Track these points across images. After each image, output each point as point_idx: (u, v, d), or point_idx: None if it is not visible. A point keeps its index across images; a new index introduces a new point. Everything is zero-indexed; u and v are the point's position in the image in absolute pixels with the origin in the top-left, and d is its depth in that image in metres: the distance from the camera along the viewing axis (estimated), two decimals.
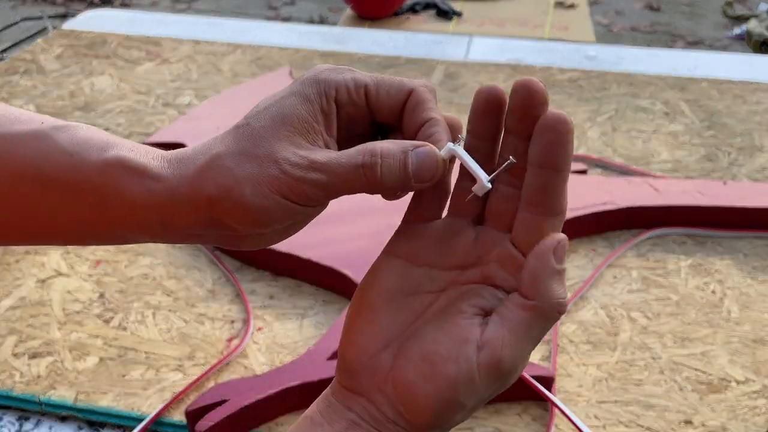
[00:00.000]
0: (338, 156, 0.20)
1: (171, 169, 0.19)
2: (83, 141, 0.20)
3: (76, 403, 0.45)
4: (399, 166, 0.20)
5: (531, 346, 0.19)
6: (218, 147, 0.19)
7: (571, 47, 1.03)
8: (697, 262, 0.59)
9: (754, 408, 0.46)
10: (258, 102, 0.22)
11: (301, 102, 0.20)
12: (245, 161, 0.19)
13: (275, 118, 0.20)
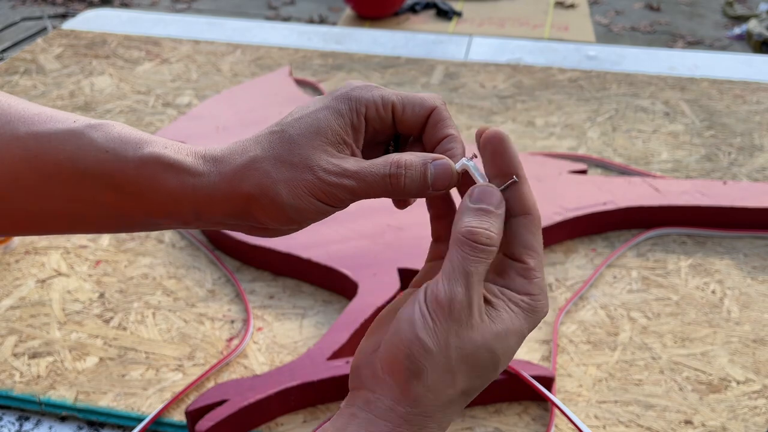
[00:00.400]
0: (368, 165, 0.22)
1: (207, 166, 0.21)
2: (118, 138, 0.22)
3: (75, 403, 0.45)
4: (420, 177, 0.22)
5: (460, 276, 0.20)
6: (255, 150, 0.21)
7: (571, 47, 1.03)
8: (697, 262, 0.59)
9: (754, 408, 0.46)
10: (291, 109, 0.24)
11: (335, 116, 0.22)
12: (281, 165, 0.21)
13: (310, 128, 0.21)
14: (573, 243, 0.61)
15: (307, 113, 0.22)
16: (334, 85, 0.87)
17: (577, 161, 0.70)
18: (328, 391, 0.45)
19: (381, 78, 0.90)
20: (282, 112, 0.78)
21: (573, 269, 0.58)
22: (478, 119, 0.81)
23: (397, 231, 0.58)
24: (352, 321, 0.49)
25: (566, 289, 0.56)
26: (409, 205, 0.25)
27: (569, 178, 0.66)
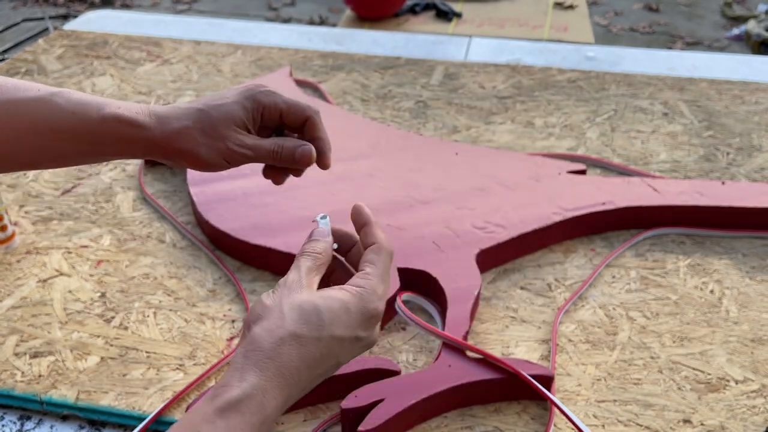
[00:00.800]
0: (261, 142, 0.34)
1: (153, 121, 0.32)
2: (80, 102, 0.32)
3: (77, 403, 0.46)
4: (290, 154, 0.34)
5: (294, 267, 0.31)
6: (188, 121, 0.33)
7: (571, 48, 1.03)
8: (695, 261, 0.59)
9: (753, 407, 0.46)
10: (221, 92, 0.36)
11: (242, 109, 0.34)
12: (204, 135, 0.33)
13: (226, 114, 0.33)
14: (572, 243, 0.61)
15: (224, 103, 0.33)
16: (334, 86, 0.88)
17: (576, 161, 0.70)
18: (329, 390, 0.45)
19: (381, 78, 0.90)
20: None
21: (572, 269, 0.58)
22: (478, 120, 0.81)
23: (397, 231, 0.58)
24: None
25: (565, 289, 0.56)
26: (283, 182, 0.36)
27: (568, 179, 0.66)
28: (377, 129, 0.74)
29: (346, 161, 0.68)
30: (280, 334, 0.26)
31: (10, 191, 0.68)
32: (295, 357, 0.26)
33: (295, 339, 0.26)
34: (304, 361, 0.26)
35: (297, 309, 0.27)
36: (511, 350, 0.50)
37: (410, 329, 0.52)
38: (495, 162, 0.68)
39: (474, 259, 0.55)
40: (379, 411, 0.42)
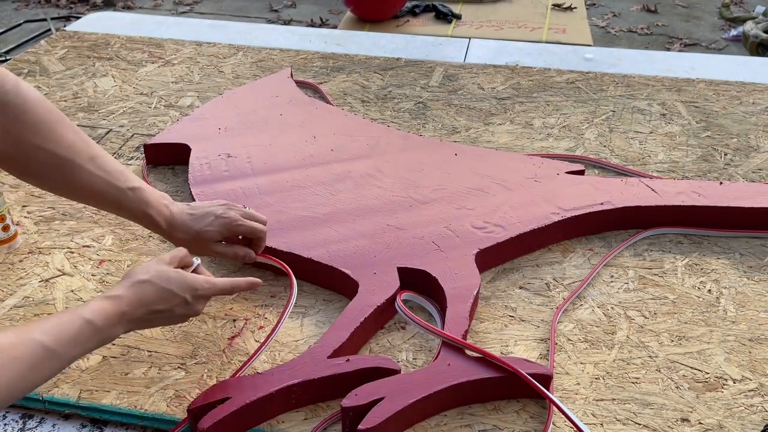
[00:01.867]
0: (224, 250, 0.53)
1: (167, 227, 0.52)
2: (138, 199, 0.51)
3: (79, 401, 0.46)
4: (243, 255, 0.54)
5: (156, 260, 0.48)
6: (187, 235, 0.52)
7: (569, 49, 1.03)
8: (693, 261, 0.60)
9: (751, 406, 0.47)
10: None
11: (220, 235, 0.53)
12: (195, 244, 0.52)
13: (210, 238, 0.52)
14: (570, 243, 0.62)
15: (210, 230, 0.52)
16: (335, 87, 0.88)
17: (574, 162, 0.71)
18: (329, 389, 0.46)
19: (381, 80, 0.90)
20: (283, 113, 0.79)
21: (570, 269, 0.59)
22: (477, 120, 0.81)
23: (397, 231, 0.59)
24: (352, 320, 0.50)
25: (564, 289, 0.56)
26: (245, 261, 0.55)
27: (567, 179, 0.66)
28: (377, 130, 0.75)
29: (346, 161, 0.69)
30: (140, 278, 0.44)
31: (13, 191, 0.68)
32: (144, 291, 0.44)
33: (146, 283, 0.44)
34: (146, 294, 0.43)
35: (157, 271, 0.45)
36: (510, 349, 0.51)
37: (410, 328, 0.52)
38: (494, 162, 0.69)
39: (473, 259, 0.55)
40: (378, 409, 0.43)
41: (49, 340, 0.36)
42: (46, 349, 0.36)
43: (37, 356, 0.36)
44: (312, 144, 0.72)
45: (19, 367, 0.35)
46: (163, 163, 0.73)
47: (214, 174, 0.67)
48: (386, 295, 0.52)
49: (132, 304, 0.42)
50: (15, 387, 0.35)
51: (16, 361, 0.34)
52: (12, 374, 0.34)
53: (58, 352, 0.37)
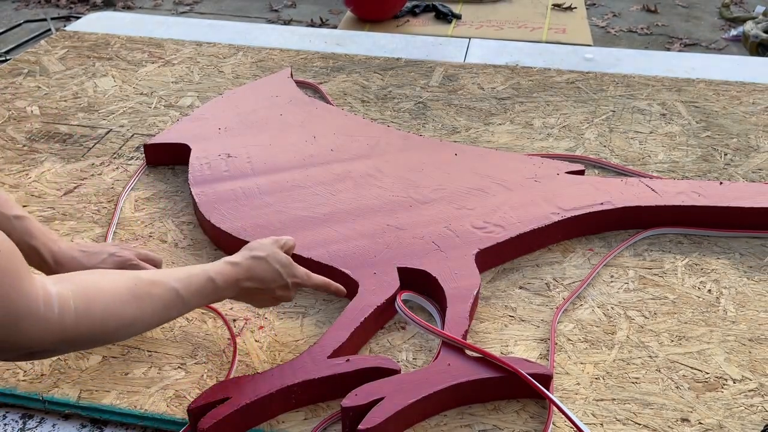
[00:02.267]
0: None
1: (52, 259, 0.49)
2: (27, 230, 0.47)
3: (79, 401, 0.46)
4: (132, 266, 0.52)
5: None
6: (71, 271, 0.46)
7: (569, 49, 1.03)
8: (693, 261, 0.60)
9: (751, 406, 0.47)
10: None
11: (111, 267, 0.50)
12: None
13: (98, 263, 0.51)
14: (570, 243, 0.62)
15: (98, 264, 0.48)
16: (335, 87, 0.88)
17: (574, 162, 0.71)
18: (329, 389, 0.46)
19: (381, 80, 0.90)
20: (283, 113, 0.79)
21: (570, 269, 0.59)
22: (477, 120, 0.81)
23: (397, 231, 0.59)
24: (352, 320, 0.50)
25: (564, 289, 0.56)
26: None
27: (567, 179, 0.66)
28: (377, 130, 0.75)
29: (346, 161, 0.69)
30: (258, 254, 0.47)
31: (13, 191, 0.68)
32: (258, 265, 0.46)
33: (262, 260, 0.46)
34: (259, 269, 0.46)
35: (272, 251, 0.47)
36: (510, 349, 0.51)
37: (410, 328, 0.52)
38: (494, 162, 0.69)
39: (473, 259, 0.55)
40: (378, 409, 0.43)
41: (181, 288, 0.42)
42: (177, 294, 0.41)
43: (170, 298, 0.41)
44: (312, 144, 0.72)
45: (156, 303, 0.40)
46: (163, 163, 0.73)
47: (214, 174, 0.67)
48: (386, 295, 0.52)
49: (247, 273, 0.45)
50: (150, 321, 0.40)
51: (154, 298, 0.40)
52: (151, 307, 0.40)
53: (185, 299, 0.42)
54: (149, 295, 0.40)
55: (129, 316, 0.39)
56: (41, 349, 0.35)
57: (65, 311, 0.35)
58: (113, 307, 0.37)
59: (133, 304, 0.39)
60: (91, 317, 0.36)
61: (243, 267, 0.45)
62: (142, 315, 0.39)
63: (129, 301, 0.38)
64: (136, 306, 0.39)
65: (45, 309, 0.34)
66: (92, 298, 0.36)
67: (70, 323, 0.35)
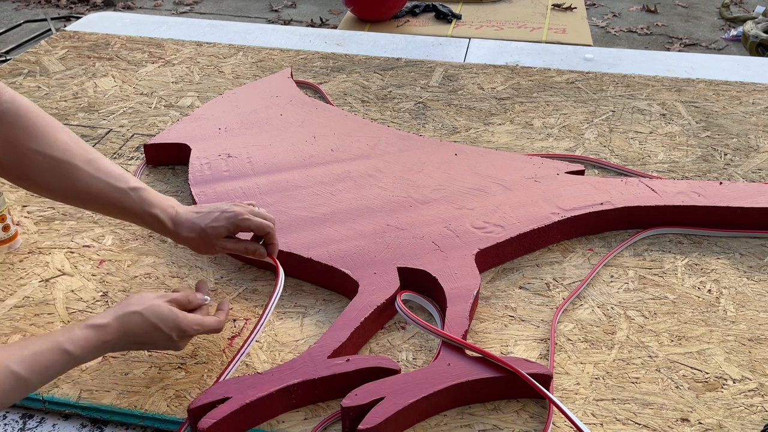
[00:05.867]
0: (235, 245, 0.52)
1: (173, 226, 0.51)
2: (141, 199, 0.50)
3: (79, 401, 0.46)
4: (254, 250, 0.53)
5: None
6: (194, 233, 0.51)
7: (569, 49, 1.03)
8: (693, 261, 0.60)
9: (751, 406, 0.47)
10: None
11: (226, 230, 0.51)
12: (202, 243, 0.52)
13: (217, 234, 0.51)
14: (570, 243, 0.62)
15: (218, 225, 0.51)
16: (335, 87, 0.88)
17: (574, 162, 0.71)
18: (329, 389, 0.46)
19: (381, 80, 0.90)
20: (283, 113, 0.79)
21: (570, 269, 0.59)
22: (477, 121, 0.81)
23: (397, 231, 0.59)
24: (352, 320, 0.50)
25: (563, 288, 0.56)
26: None
27: (566, 179, 0.66)
28: (377, 130, 0.75)
29: (346, 161, 0.69)
30: (132, 309, 0.45)
31: (13, 191, 0.68)
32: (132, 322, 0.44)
33: (136, 314, 0.44)
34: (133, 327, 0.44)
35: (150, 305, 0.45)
36: (509, 349, 0.51)
37: (410, 328, 0.52)
38: (494, 162, 0.69)
39: (473, 259, 0.55)
40: (379, 409, 0.43)
41: (24, 370, 0.38)
42: (18, 378, 0.38)
43: (8, 385, 0.37)
44: (312, 144, 0.72)
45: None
46: (163, 163, 0.73)
47: (214, 174, 0.67)
48: (386, 295, 0.52)
49: (116, 334, 0.43)
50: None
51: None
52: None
53: (30, 380, 0.38)
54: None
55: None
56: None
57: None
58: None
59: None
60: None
61: (111, 328, 0.42)
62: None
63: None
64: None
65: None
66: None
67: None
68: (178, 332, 0.45)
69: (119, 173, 0.49)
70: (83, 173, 0.47)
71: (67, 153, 0.47)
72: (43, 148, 0.46)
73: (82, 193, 0.48)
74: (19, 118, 0.45)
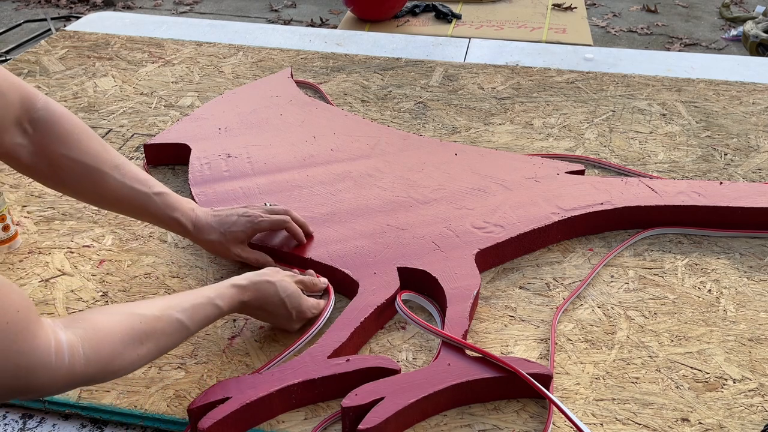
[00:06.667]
0: (248, 255, 0.56)
1: (194, 228, 0.55)
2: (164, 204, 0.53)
3: (79, 401, 0.46)
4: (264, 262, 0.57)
5: None
6: (214, 235, 0.55)
7: (569, 49, 1.03)
8: (693, 261, 0.60)
9: (751, 406, 0.47)
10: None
11: (244, 234, 0.55)
12: (221, 247, 0.55)
13: (235, 239, 0.55)
14: (570, 243, 0.62)
15: (236, 230, 0.55)
16: (335, 87, 0.88)
17: (574, 162, 0.71)
18: (329, 389, 0.46)
19: (381, 80, 0.90)
20: (283, 113, 0.79)
21: (570, 269, 0.59)
22: (477, 120, 0.81)
23: (397, 231, 0.59)
24: (352, 320, 0.50)
25: (564, 288, 0.56)
26: None
27: (567, 179, 0.66)
28: (377, 130, 0.75)
29: (346, 161, 0.69)
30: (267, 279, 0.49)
31: (13, 191, 0.68)
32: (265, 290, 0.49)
33: (270, 284, 0.49)
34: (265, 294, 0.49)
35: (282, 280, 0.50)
36: (510, 349, 0.51)
37: (410, 328, 0.52)
38: (494, 162, 0.69)
39: (473, 259, 0.55)
40: (379, 409, 0.43)
41: (186, 318, 0.43)
42: (182, 325, 0.43)
43: (175, 330, 0.43)
44: (312, 144, 0.72)
45: (161, 338, 0.42)
46: (163, 163, 0.73)
47: (214, 174, 0.67)
48: (386, 295, 0.52)
49: (253, 294, 0.48)
50: (155, 354, 0.42)
51: (159, 333, 0.42)
52: (156, 343, 0.41)
53: (190, 328, 0.44)
54: (154, 330, 0.41)
55: (134, 355, 0.40)
56: (48, 393, 0.36)
57: (75, 359, 0.36)
58: (120, 349, 0.39)
59: (138, 343, 0.40)
60: (99, 361, 0.38)
61: (249, 289, 0.47)
62: (148, 352, 0.41)
63: (135, 341, 0.40)
64: (141, 344, 0.40)
65: (56, 360, 0.35)
66: (100, 342, 0.38)
67: (80, 370, 0.36)
68: (298, 312, 0.49)
69: (144, 178, 0.52)
70: (111, 179, 0.50)
71: (96, 159, 0.49)
72: (75, 154, 0.49)
73: (109, 198, 0.51)
74: (53, 125, 0.48)
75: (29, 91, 0.47)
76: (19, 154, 0.47)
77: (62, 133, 0.48)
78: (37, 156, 0.47)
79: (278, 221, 0.55)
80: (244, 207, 0.55)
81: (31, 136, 0.47)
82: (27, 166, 0.48)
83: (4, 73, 0.45)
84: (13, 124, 0.46)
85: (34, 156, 0.47)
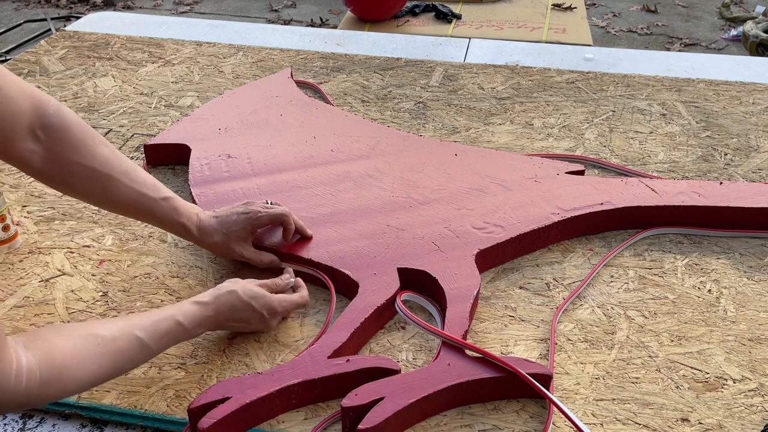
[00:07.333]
0: (251, 255, 0.56)
1: (198, 231, 0.55)
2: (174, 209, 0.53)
3: (79, 402, 0.46)
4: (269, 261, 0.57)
5: None
6: (217, 237, 0.55)
7: (569, 49, 1.03)
8: (693, 261, 0.60)
9: (751, 406, 0.47)
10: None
11: (245, 232, 0.55)
12: (224, 248, 0.56)
13: (237, 238, 0.55)
14: (570, 243, 0.62)
15: (237, 230, 0.55)
16: (335, 87, 0.88)
17: (574, 162, 0.71)
18: (329, 389, 0.46)
19: (381, 80, 0.90)
20: (283, 113, 0.79)
21: (570, 269, 0.59)
22: (477, 120, 0.81)
23: (397, 231, 0.59)
24: (352, 320, 0.50)
25: (564, 288, 0.56)
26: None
27: (567, 179, 0.66)
28: (377, 130, 0.75)
29: (346, 162, 0.69)
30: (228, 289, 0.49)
31: (13, 191, 0.68)
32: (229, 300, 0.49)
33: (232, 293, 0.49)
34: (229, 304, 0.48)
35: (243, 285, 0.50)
36: (509, 349, 0.51)
37: (410, 328, 0.52)
38: (494, 163, 0.69)
39: (473, 259, 0.55)
40: (379, 409, 0.43)
41: (146, 336, 0.43)
42: (142, 344, 0.43)
43: (134, 349, 0.42)
44: (312, 144, 0.72)
45: (119, 358, 0.41)
46: (163, 163, 0.73)
47: (214, 175, 0.67)
48: (386, 296, 0.52)
49: (217, 309, 0.47)
50: (113, 373, 0.41)
51: (118, 353, 0.41)
52: (114, 363, 0.41)
53: (151, 347, 0.43)
54: (111, 351, 0.41)
55: (91, 376, 0.40)
56: (1, 413, 0.38)
57: (32, 383, 0.37)
58: (76, 371, 0.39)
59: (95, 365, 0.40)
60: (54, 386, 0.38)
61: (211, 303, 0.47)
62: (105, 373, 0.41)
63: (92, 362, 0.40)
64: (98, 365, 0.40)
65: (15, 383, 0.36)
66: (57, 366, 0.38)
67: (34, 393, 0.37)
68: (269, 309, 0.49)
69: (152, 183, 0.53)
70: (120, 184, 0.50)
71: (106, 165, 0.50)
72: (86, 160, 0.49)
73: (119, 203, 0.52)
74: (64, 132, 0.48)
75: (41, 98, 0.47)
76: (30, 159, 0.47)
77: (74, 139, 0.48)
78: (49, 162, 0.48)
79: (276, 214, 0.55)
80: (244, 204, 0.55)
81: (44, 142, 0.47)
82: (38, 171, 0.48)
83: (16, 81, 0.45)
84: (25, 131, 0.46)
85: (46, 162, 0.48)
